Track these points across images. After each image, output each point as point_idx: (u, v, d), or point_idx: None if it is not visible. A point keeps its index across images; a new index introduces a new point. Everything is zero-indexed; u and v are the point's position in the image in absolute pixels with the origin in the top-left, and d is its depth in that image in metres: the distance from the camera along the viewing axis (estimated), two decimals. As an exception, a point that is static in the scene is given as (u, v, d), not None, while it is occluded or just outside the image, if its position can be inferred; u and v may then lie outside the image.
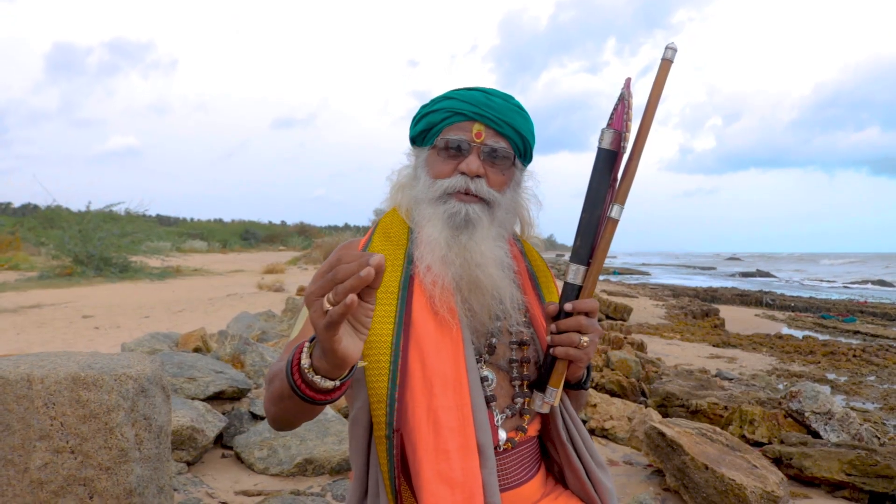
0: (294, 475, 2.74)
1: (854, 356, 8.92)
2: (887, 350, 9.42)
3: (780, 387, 7.16)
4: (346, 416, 3.31)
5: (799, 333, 11.90)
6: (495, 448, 1.29)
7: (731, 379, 7.39)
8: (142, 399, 1.75)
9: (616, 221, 1.28)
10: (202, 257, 28.14)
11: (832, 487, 4.02)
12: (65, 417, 1.66)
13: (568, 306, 1.28)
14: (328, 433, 2.85)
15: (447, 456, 1.17)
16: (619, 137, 1.29)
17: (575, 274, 1.30)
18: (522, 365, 1.38)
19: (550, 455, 1.46)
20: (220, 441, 2.99)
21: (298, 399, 1.03)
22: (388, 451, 1.21)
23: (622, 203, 1.28)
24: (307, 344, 1.01)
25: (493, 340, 1.36)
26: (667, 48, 1.28)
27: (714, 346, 9.96)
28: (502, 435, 1.33)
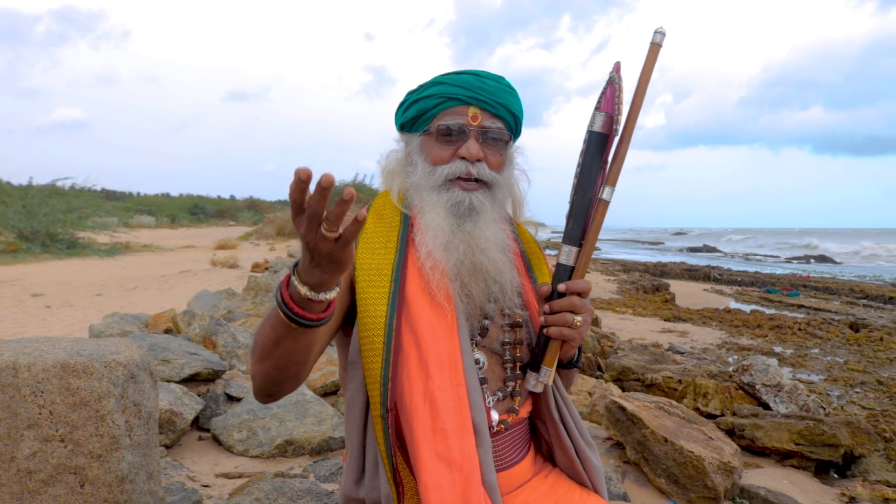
0: (274, 456, 2.75)
1: (799, 329, 9.26)
2: (829, 323, 9.80)
3: (730, 360, 7.40)
4: (323, 397, 3.33)
5: (746, 307, 12.27)
6: (489, 429, 1.34)
7: (683, 353, 7.60)
8: (131, 385, 1.74)
9: (607, 203, 1.32)
10: (150, 233, 27.51)
11: (782, 456, 4.22)
12: (54, 406, 1.64)
13: (561, 287, 1.32)
14: (307, 414, 2.86)
15: (445, 436, 1.20)
16: (611, 120, 1.33)
17: (567, 255, 1.34)
18: (515, 347, 1.42)
19: (540, 434, 1.51)
20: (197, 424, 2.98)
21: (295, 329, 1.06)
22: (384, 430, 1.23)
23: (613, 185, 1.32)
24: (291, 275, 1.03)
25: (486, 323, 1.39)
26: (655, 32, 1.31)
27: (665, 320, 10.18)
28: (495, 416, 1.37)
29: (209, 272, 12.94)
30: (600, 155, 1.34)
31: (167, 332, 4.07)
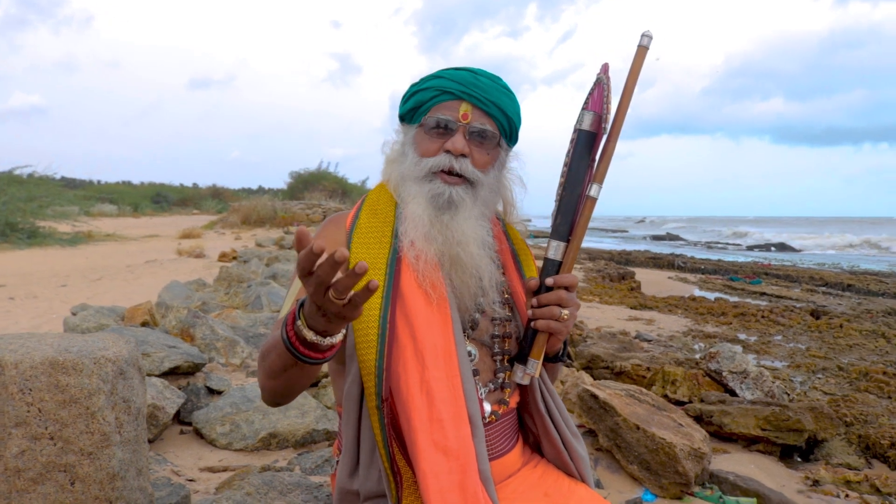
0: (258, 450, 2.75)
1: (762, 317, 9.45)
2: (791, 311, 10.03)
3: (696, 347, 7.53)
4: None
5: (710, 295, 12.48)
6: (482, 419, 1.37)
7: (650, 340, 7.71)
8: (121, 382, 1.74)
9: (594, 200, 1.35)
10: (113, 221, 26.98)
11: (748, 442, 4.34)
12: (42, 403, 1.63)
13: (549, 281, 1.35)
14: (290, 407, 2.86)
15: (441, 425, 1.23)
16: (599, 120, 1.37)
17: (555, 250, 1.37)
18: (504, 340, 1.45)
19: (527, 426, 1.55)
20: (178, 417, 2.96)
21: (302, 364, 1.09)
22: (380, 420, 1.26)
23: (600, 182, 1.35)
24: (297, 317, 1.05)
25: (476, 316, 1.42)
26: (643, 35, 1.34)
27: (632, 308, 10.29)
28: (487, 407, 1.41)
29: (176, 262, 12.76)
30: (588, 153, 1.38)
31: (144, 324, 4.02)
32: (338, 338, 1.06)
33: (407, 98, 1.46)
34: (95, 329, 3.70)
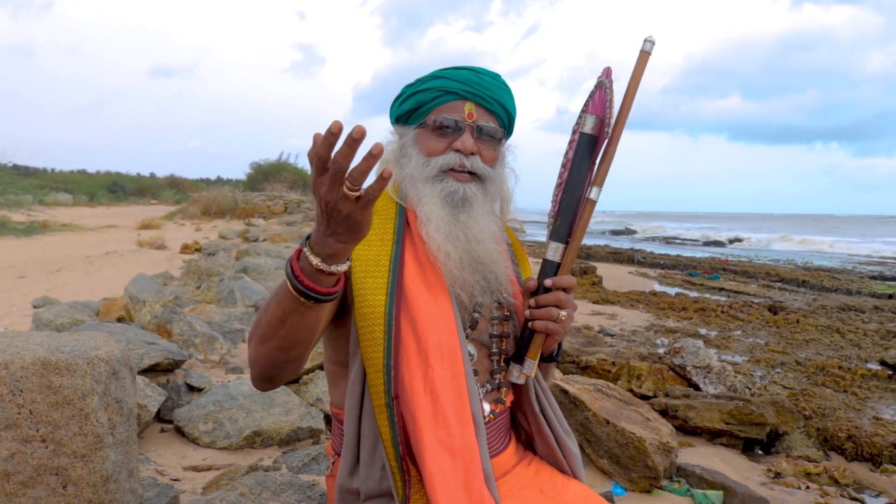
0: (242, 448, 2.74)
1: (722, 312, 9.66)
2: (750, 306, 10.28)
3: (659, 342, 7.67)
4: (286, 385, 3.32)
5: (671, 290, 12.70)
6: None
7: (614, 335, 7.83)
8: (113, 382, 1.72)
9: (594, 203, 1.38)
10: (68, 211, 26.30)
11: (712, 435, 4.46)
12: (34, 405, 1.61)
13: (548, 282, 1.37)
14: (274, 405, 2.86)
15: (446, 424, 1.25)
16: (602, 123, 1.38)
17: (554, 251, 1.39)
18: (502, 339, 1.47)
19: (520, 424, 1.57)
20: (158, 415, 2.93)
21: (303, 304, 1.07)
22: (390, 418, 1.26)
23: (600, 186, 1.37)
24: (303, 247, 1.04)
25: (476, 315, 1.44)
26: (645, 41, 1.37)
27: (594, 303, 10.41)
28: (486, 407, 1.42)
29: (136, 253, 12.51)
30: (589, 156, 1.39)
31: (120, 320, 3.95)
32: (342, 267, 1.05)
33: (403, 99, 1.46)
34: (70, 325, 3.63)
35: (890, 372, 6.42)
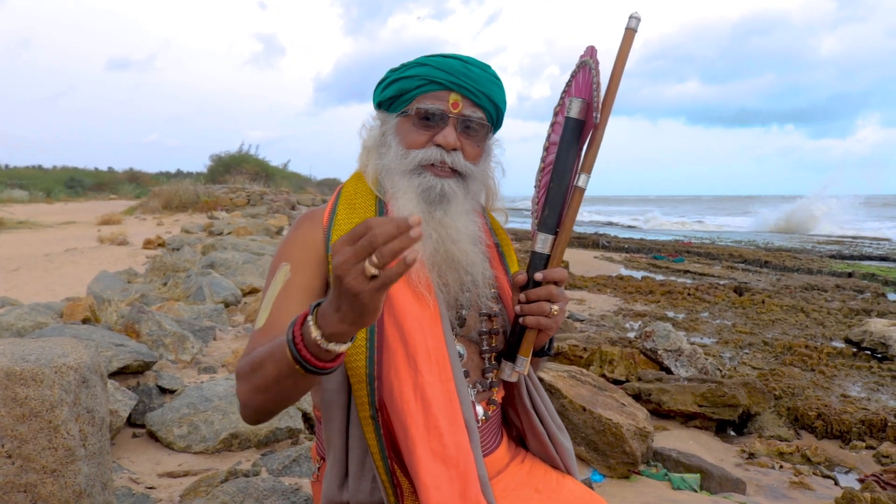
0: (220, 451, 2.66)
1: (689, 294, 9.79)
2: (716, 288, 10.43)
3: (628, 326, 7.74)
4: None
5: (637, 274, 12.84)
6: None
7: (583, 320, 7.87)
8: (84, 391, 1.64)
9: (583, 190, 1.30)
10: (25, 208, 25.59)
11: (686, 418, 4.51)
12: (-1, 419, 1.53)
13: (538, 276, 1.30)
14: (251, 406, 2.76)
15: (439, 432, 1.19)
16: (588, 107, 1.30)
17: (543, 243, 1.32)
18: (492, 336, 1.41)
19: (511, 420, 1.52)
20: (129, 420, 2.83)
21: (303, 375, 1.01)
22: (376, 430, 1.21)
23: (589, 172, 1.29)
24: (310, 317, 0.97)
25: (464, 313, 1.38)
26: (630, 17, 1.29)
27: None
28: (479, 410, 1.37)
29: (97, 250, 12.21)
30: (577, 141, 1.32)
31: (86, 321, 3.81)
32: (342, 347, 0.98)
33: (386, 84, 1.39)
34: (33, 328, 3.50)
35: (854, 349, 6.57)
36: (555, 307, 1.29)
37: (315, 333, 0.95)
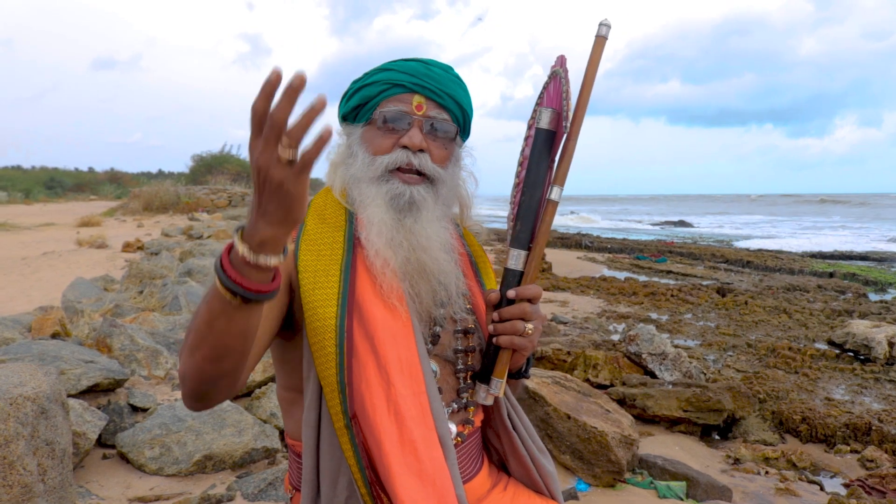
0: (193, 474, 2.56)
1: (672, 296, 9.80)
2: (699, 289, 10.45)
3: (612, 328, 7.71)
4: (233, 400, 3.14)
5: (620, 275, 12.84)
6: None
7: (567, 322, 7.82)
8: (42, 422, 1.56)
9: (556, 203, 1.27)
10: (3, 209, 25.32)
11: (671, 423, 4.49)
12: (-49, 454, 1.45)
13: (511, 293, 1.26)
14: (225, 424, 2.68)
15: (413, 447, 1.14)
16: (559, 117, 1.27)
17: (516, 259, 1.28)
18: (467, 355, 1.35)
19: (491, 444, 1.47)
20: (99, 440, 2.73)
21: (230, 304, 0.93)
22: (352, 440, 1.16)
23: (562, 184, 1.26)
24: (235, 234, 0.91)
25: (437, 329, 1.33)
26: (601, 25, 1.26)
27: (546, 290, 10.41)
28: (452, 428, 1.31)
29: (76, 253, 12.03)
30: (548, 153, 1.29)
31: (55, 336, 3.68)
32: (272, 259, 0.92)
33: (350, 95, 1.35)
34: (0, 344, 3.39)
35: (837, 351, 6.58)
36: (529, 325, 1.25)
37: (242, 249, 0.90)
